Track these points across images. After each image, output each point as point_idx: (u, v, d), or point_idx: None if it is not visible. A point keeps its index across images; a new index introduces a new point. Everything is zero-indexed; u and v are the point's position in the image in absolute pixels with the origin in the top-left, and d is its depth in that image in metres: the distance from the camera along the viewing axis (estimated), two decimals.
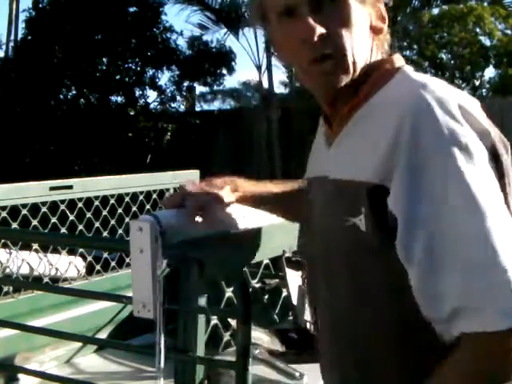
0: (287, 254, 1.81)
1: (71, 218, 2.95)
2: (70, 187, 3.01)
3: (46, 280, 2.82)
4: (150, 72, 13.01)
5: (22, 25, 12.96)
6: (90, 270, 3.10)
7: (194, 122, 13.00)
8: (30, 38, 12.46)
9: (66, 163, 11.50)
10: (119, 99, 12.85)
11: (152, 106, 13.28)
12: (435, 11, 13.84)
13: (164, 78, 22.24)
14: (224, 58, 13.11)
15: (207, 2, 11.90)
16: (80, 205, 3.03)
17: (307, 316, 1.80)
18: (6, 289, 2.71)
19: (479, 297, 0.86)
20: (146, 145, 12.43)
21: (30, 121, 11.59)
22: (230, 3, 11.91)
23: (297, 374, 1.61)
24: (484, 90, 15.49)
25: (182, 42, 22.24)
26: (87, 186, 3.12)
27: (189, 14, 12.95)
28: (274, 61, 11.68)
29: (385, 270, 0.98)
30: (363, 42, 1.07)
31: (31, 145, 11.90)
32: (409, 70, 1.09)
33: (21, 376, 2.40)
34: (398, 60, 1.11)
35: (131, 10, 12.45)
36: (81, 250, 2.95)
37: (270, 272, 1.86)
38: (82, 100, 12.71)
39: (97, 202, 3.09)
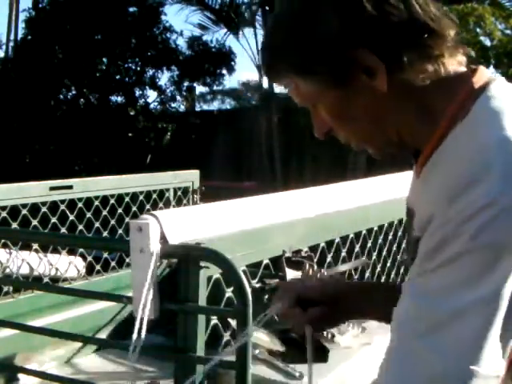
0: (287, 254, 1.81)
1: (71, 218, 2.94)
2: (70, 187, 3.01)
3: (45, 280, 2.82)
4: (150, 72, 13.03)
5: (21, 25, 13.00)
6: (89, 270, 3.09)
7: (193, 121, 13.00)
8: (29, 38, 12.47)
9: (66, 163, 11.51)
10: (119, 99, 12.87)
11: (152, 106, 13.30)
12: None
13: (164, 78, 22.21)
14: (224, 58, 13.12)
15: (207, 2, 11.90)
16: (80, 205, 3.03)
17: None
18: (6, 289, 2.71)
19: None
20: (145, 145, 12.43)
21: (30, 121, 11.60)
22: (230, 3, 11.90)
23: (297, 374, 1.61)
24: None
25: (181, 42, 22.24)
26: (87, 186, 3.12)
27: (188, 14, 12.97)
28: None
29: None
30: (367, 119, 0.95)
31: (31, 145, 11.90)
32: (493, 93, 0.90)
33: (21, 376, 2.40)
34: (479, 77, 0.93)
35: (131, 10, 12.47)
36: (81, 250, 2.94)
37: (270, 272, 1.86)
38: (82, 100, 12.72)
39: (97, 202, 3.09)
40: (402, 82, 0.90)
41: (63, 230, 2.88)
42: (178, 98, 13.53)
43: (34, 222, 2.79)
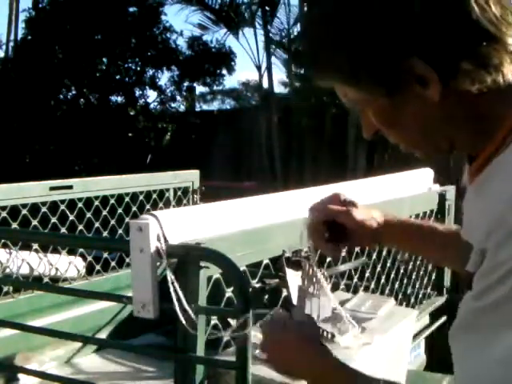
0: (287, 254, 1.81)
1: (71, 218, 2.94)
2: (70, 187, 3.01)
3: (45, 280, 2.82)
4: (150, 72, 13.04)
5: (21, 25, 12.99)
6: (89, 270, 3.09)
7: (193, 121, 13.00)
8: (29, 38, 12.47)
9: (66, 163, 11.51)
10: (119, 99, 12.87)
11: (152, 105, 13.31)
12: None
13: (164, 78, 22.20)
14: (224, 58, 13.12)
15: (207, 2, 11.90)
16: (80, 205, 3.03)
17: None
18: (5, 289, 2.71)
19: None
20: (146, 145, 12.44)
21: (30, 121, 11.60)
22: (230, 3, 11.91)
23: None
24: None
25: (181, 42, 22.21)
26: (87, 186, 3.12)
27: (188, 14, 12.97)
28: (273, 61, 11.71)
29: None
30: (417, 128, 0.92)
31: (31, 145, 11.90)
32: None
33: (21, 376, 2.40)
34: None
35: (131, 10, 12.47)
36: (81, 250, 2.94)
37: (270, 272, 1.86)
38: (82, 100, 12.73)
39: (97, 202, 3.09)
40: (456, 92, 0.86)
41: (63, 230, 2.88)
42: (178, 98, 13.54)
43: (34, 222, 2.80)
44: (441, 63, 0.84)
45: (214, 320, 1.57)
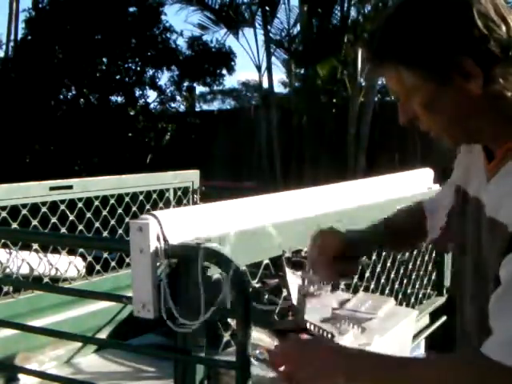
0: (287, 254, 1.81)
1: (71, 218, 2.95)
2: (70, 187, 3.01)
3: (46, 280, 2.82)
4: (150, 72, 13.03)
5: (21, 25, 12.98)
6: (89, 270, 3.09)
7: (194, 121, 13.00)
8: (29, 38, 12.46)
9: (66, 163, 11.50)
10: (119, 99, 12.86)
11: (152, 106, 13.30)
12: None
13: (164, 78, 22.25)
14: (224, 58, 13.11)
15: (207, 2, 11.89)
16: (80, 205, 3.03)
17: (307, 316, 1.80)
18: (6, 289, 2.71)
19: None
20: (145, 145, 12.43)
21: (30, 121, 11.59)
22: (230, 3, 11.90)
23: None
24: None
25: (181, 42, 22.26)
26: (87, 186, 3.12)
27: (188, 14, 12.97)
28: (273, 61, 11.70)
29: None
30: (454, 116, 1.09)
31: (31, 145, 11.90)
32: None
33: (21, 376, 2.40)
34: None
35: (131, 10, 12.46)
36: (81, 250, 2.94)
37: (270, 272, 1.86)
38: (81, 100, 12.72)
39: (97, 202, 3.09)
40: (492, 91, 1.05)
41: (63, 230, 2.88)
42: (178, 98, 13.54)
43: (34, 222, 2.79)
44: (484, 65, 1.03)
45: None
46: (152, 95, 25.36)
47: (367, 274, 2.36)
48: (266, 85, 12.08)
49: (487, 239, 1.10)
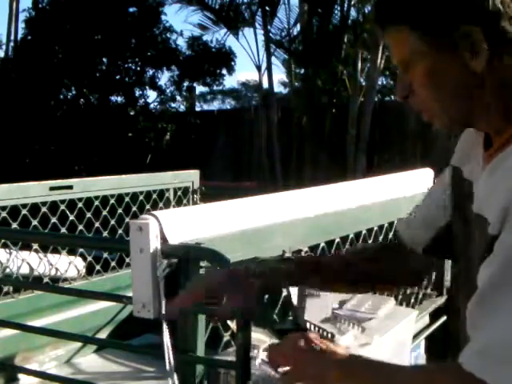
0: (287, 254, 1.80)
1: (71, 218, 2.95)
2: (70, 187, 3.01)
3: (45, 280, 2.82)
4: (150, 72, 13.02)
5: (21, 25, 12.97)
6: (90, 270, 3.09)
7: (194, 121, 12.99)
8: (29, 37, 12.45)
9: (66, 163, 11.50)
10: (119, 99, 12.85)
11: (152, 106, 13.29)
12: None
13: (164, 78, 22.24)
14: (224, 58, 13.11)
15: (207, 2, 11.90)
16: (80, 205, 3.03)
17: (307, 316, 1.80)
18: (6, 289, 2.71)
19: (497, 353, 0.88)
20: (146, 145, 12.42)
21: (30, 121, 11.59)
22: (230, 3, 11.90)
23: None
24: None
25: (181, 42, 22.25)
26: (87, 186, 3.12)
27: (188, 14, 12.97)
28: (273, 61, 11.70)
29: None
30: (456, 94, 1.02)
31: (31, 145, 11.89)
32: None
33: (21, 376, 2.40)
34: None
35: (131, 10, 12.45)
36: (81, 250, 2.94)
37: None
38: (82, 100, 12.71)
39: (97, 202, 3.09)
40: (496, 73, 0.98)
41: (63, 230, 2.88)
42: (178, 98, 13.53)
43: (34, 222, 2.80)
44: (492, 41, 0.96)
45: None
46: (152, 95, 25.38)
47: None
48: (266, 85, 12.09)
49: (474, 232, 1.04)
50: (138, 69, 12.89)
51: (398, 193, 2.48)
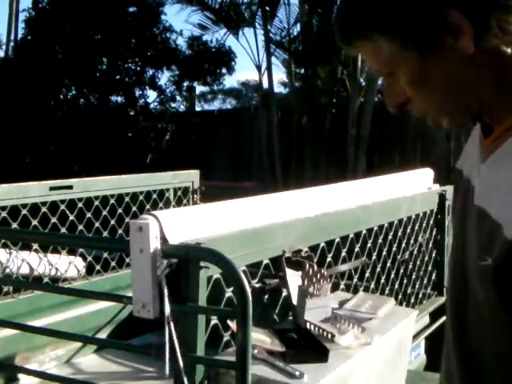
0: (287, 254, 1.81)
1: (71, 218, 2.95)
2: (70, 187, 3.01)
3: (45, 280, 2.82)
4: (150, 72, 13.02)
5: (21, 25, 12.98)
6: (90, 270, 3.09)
7: (194, 121, 13.00)
8: (29, 37, 12.45)
9: (66, 163, 11.50)
10: (119, 99, 12.86)
11: (152, 106, 13.29)
12: None
13: (164, 78, 22.26)
14: (224, 58, 13.11)
15: (207, 2, 11.90)
16: (80, 205, 3.03)
17: (307, 316, 1.80)
18: (6, 289, 2.71)
19: None
20: (146, 145, 12.42)
21: (30, 121, 11.59)
22: (230, 3, 11.90)
23: (297, 374, 1.61)
24: None
25: (181, 42, 22.25)
26: (87, 186, 3.12)
27: (188, 14, 12.97)
28: (273, 61, 11.70)
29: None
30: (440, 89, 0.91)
31: (31, 145, 11.89)
32: None
33: (21, 376, 2.40)
34: None
35: (131, 10, 12.45)
36: (81, 250, 2.94)
37: (270, 272, 1.86)
38: (82, 100, 12.71)
39: (97, 202, 3.09)
40: (489, 49, 0.85)
41: (63, 230, 2.88)
42: (178, 97, 13.54)
43: (34, 222, 2.79)
44: (474, 15, 0.83)
45: (214, 320, 1.57)
46: (152, 95, 25.39)
47: (367, 274, 2.36)
48: (265, 85, 12.09)
49: (471, 228, 0.92)
50: (138, 69, 12.89)
51: (398, 193, 2.48)
